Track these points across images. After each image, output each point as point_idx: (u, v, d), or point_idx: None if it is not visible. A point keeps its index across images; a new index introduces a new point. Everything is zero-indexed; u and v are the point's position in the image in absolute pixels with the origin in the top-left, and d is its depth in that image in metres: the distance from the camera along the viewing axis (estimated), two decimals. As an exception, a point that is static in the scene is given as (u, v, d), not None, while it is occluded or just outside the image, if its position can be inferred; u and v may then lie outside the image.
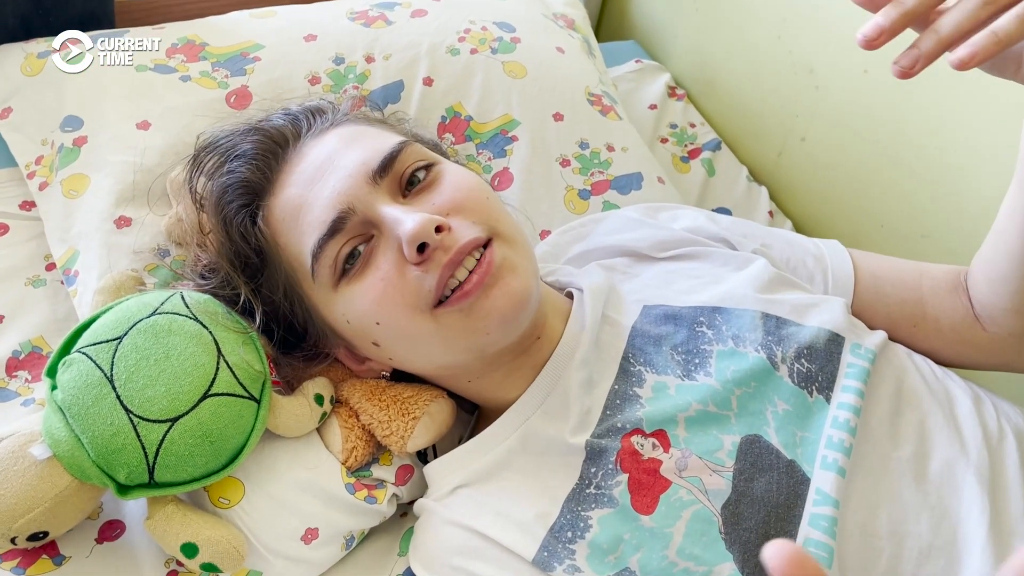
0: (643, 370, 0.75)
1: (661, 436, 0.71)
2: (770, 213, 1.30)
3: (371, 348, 0.75)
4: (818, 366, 0.74)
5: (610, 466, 0.70)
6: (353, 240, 0.71)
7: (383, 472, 0.81)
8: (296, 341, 0.79)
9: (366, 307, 0.71)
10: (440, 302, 0.69)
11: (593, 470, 0.71)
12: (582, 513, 0.69)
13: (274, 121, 0.80)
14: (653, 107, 1.39)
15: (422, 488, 0.81)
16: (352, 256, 0.71)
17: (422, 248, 0.67)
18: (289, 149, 0.77)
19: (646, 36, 1.61)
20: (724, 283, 0.81)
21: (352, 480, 0.78)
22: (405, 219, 0.68)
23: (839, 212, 1.28)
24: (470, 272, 0.69)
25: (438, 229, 0.68)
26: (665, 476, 0.69)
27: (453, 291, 0.69)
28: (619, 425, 0.72)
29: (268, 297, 0.76)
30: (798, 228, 1.32)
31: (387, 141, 0.75)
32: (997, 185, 1.02)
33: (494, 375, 0.77)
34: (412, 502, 0.82)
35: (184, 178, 0.83)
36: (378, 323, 0.71)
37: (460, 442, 0.81)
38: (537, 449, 0.74)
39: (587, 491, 0.70)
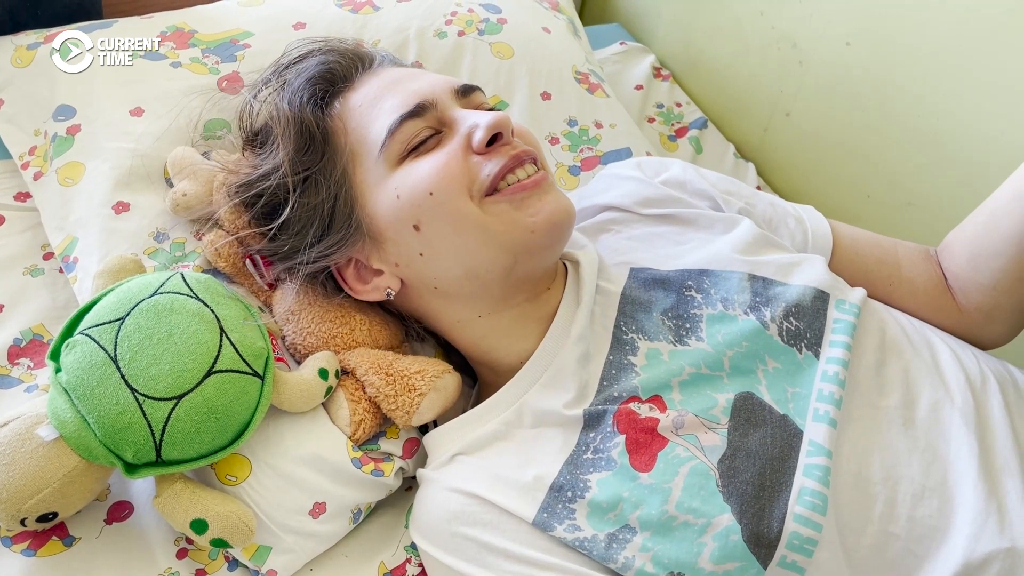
0: (636, 338, 0.77)
1: (657, 401, 0.72)
2: (758, 188, 1.32)
3: (407, 235, 0.75)
4: (806, 323, 0.76)
5: (608, 429, 0.72)
6: (427, 130, 0.76)
7: (390, 445, 0.81)
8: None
9: (425, 173, 0.74)
10: (492, 193, 0.74)
11: (591, 435, 0.72)
12: (581, 476, 0.70)
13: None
14: (639, 88, 1.41)
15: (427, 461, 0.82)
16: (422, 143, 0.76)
17: (492, 141, 0.73)
18: (374, 64, 0.84)
19: (630, 18, 1.63)
20: (709, 246, 0.82)
21: (358, 454, 0.79)
22: (483, 115, 0.75)
23: (826, 184, 1.30)
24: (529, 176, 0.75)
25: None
26: (662, 434, 0.70)
27: (509, 185, 0.74)
28: (616, 394, 0.73)
29: (312, 189, 0.78)
30: (786, 202, 1.34)
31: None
32: (982, 151, 1.04)
33: (504, 316, 0.78)
34: (418, 476, 0.83)
35: (258, 80, 0.88)
36: (431, 193, 0.73)
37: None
38: (534, 421, 0.75)
39: (584, 456, 0.72)
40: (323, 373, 0.78)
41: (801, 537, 0.65)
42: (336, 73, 0.82)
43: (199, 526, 0.71)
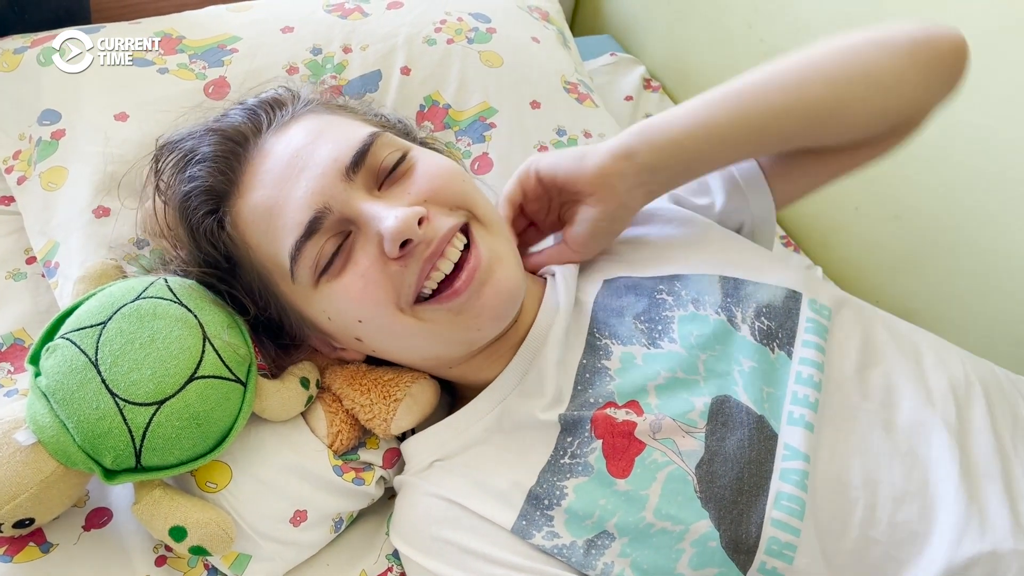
0: (609, 343, 0.76)
1: (634, 406, 0.72)
2: (746, 199, 1.32)
3: (353, 343, 0.76)
4: (777, 323, 0.75)
5: (585, 434, 0.71)
6: (333, 239, 0.70)
7: (370, 455, 0.81)
8: (273, 331, 0.79)
9: (347, 305, 0.70)
10: (424, 299, 0.70)
11: (569, 439, 0.72)
12: (557, 483, 0.70)
13: (231, 119, 0.77)
14: (629, 99, 1.41)
15: (406, 469, 0.82)
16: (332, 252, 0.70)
17: (404, 244, 0.67)
18: (250, 147, 0.74)
19: (620, 30, 1.63)
20: (680, 250, 0.82)
21: (339, 463, 0.79)
22: (386, 215, 0.67)
23: (813, 197, 1.29)
24: (457, 267, 0.70)
25: (419, 222, 0.67)
26: (639, 438, 0.70)
27: (439, 285, 0.70)
28: (592, 400, 0.72)
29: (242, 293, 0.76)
30: (774, 213, 1.34)
31: (356, 133, 0.72)
32: (970, 164, 1.04)
33: (473, 359, 0.78)
34: (399, 484, 0.82)
35: (146, 179, 0.81)
36: (360, 320, 0.71)
37: None
38: (513, 427, 0.75)
39: (562, 461, 0.71)
40: (304, 382, 0.78)
41: (779, 542, 0.64)
42: (214, 189, 0.73)
43: (178, 533, 0.70)
